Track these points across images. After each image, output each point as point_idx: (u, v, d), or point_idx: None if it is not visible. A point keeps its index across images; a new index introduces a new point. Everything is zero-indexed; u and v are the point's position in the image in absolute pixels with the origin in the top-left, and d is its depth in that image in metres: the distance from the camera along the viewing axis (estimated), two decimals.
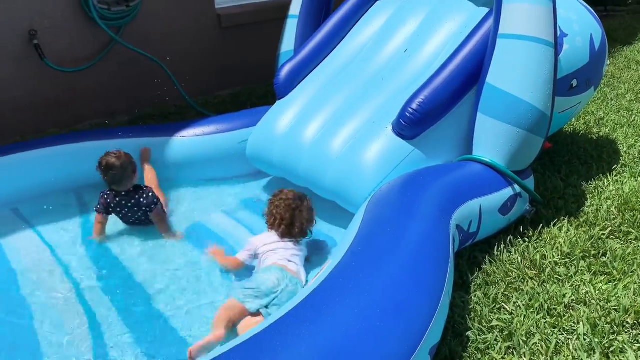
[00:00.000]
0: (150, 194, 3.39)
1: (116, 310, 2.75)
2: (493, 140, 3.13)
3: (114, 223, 3.48)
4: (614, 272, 2.83)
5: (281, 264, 2.82)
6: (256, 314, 2.57)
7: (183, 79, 5.37)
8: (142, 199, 3.36)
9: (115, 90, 5.33)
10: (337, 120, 3.43)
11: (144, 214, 3.40)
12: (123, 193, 3.37)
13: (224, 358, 1.73)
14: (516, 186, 3.13)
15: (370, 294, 2.00)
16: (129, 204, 3.37)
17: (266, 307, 2.57)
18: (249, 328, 2.36)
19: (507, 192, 3.08)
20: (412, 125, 3.13)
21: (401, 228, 2.39)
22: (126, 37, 5.19)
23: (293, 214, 3.00)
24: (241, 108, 4.98)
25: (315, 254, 3.13)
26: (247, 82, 6.11)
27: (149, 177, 3.80)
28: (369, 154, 3.14)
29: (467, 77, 3.22)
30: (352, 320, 1.88)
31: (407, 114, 3.12)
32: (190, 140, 4.00)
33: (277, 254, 2.90)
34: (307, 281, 2.84)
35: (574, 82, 3.57)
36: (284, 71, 3.92)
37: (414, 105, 3.13)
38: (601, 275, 2.83)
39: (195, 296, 2.85)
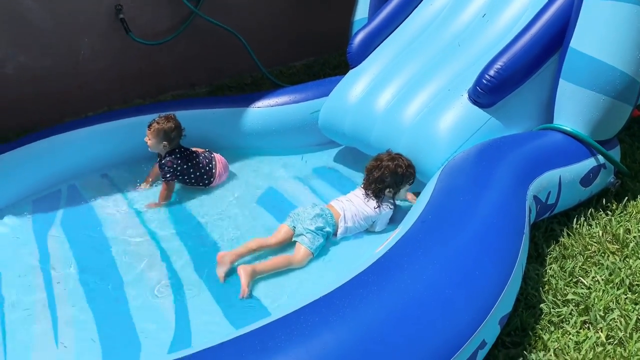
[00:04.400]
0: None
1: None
2: (576, 108, 2.98)
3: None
4: None
5: (332, 204, 3.09)
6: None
7: (259, 50, 5.46)
8: (201, 157, 3.65)
9: (195, 62, 5.51)
10: (411, 88, 3.39)
11: (205, 173, 3.63)
12: (187, 153, 3.62)
13: (297, 315, 1.80)
14: (600, 157, 2.98)
15: (439, 262, 2.00)
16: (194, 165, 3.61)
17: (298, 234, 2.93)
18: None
19: (589, 163, 2.93)
20: (489, 92, 3.03)
21: (474, 197, 2.35)
22: (205, 10, 5.32)
23: (376, 166, 3.06)
24: (315, 78, 5.01)
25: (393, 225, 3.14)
26: (321, 52, 6.12)
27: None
28: (443, 123, 3.08)
29: (549, 42, 3.07)
30: (419, 287, 1.90)
31: (484, 81, 3.03)
32: (265, 110, 4.09)
33: (341, 198, 3.16)
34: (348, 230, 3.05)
35: None
36: (357, 39, 3.90)
37: (492, 72, 3.02)
38: None
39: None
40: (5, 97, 4.79)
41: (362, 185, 3.16)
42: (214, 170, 3.69)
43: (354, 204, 3.08)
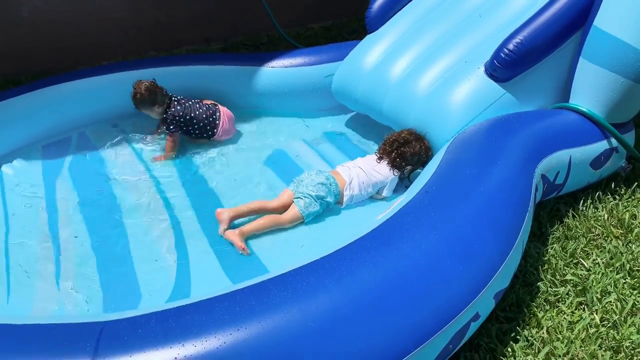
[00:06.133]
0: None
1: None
2: (594, 88, 2.92)
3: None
4: None
5: (338, 171, 3.08)
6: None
7: (277, 9, 5.36)
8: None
9: (212, 18, 5.44)
10: (427, 57, 3.33)
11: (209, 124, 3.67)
12: (188, 105, 3.64)
13: (293, 274, 1.82)
14: (613, 140, 2.93)
15: (439, 231, 2.00)
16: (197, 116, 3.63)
17: (299, 197, 2.93)
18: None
19: (601, 145, 2.89)
20: (506, 67, 2.97)
21: (481, 171, 2.33)
22: None
23: (402, 142, 3.05)
24: (332, 42, 4.93)
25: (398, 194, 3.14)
26: (340, 15, 6.01)
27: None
28: (457, 95, 3.03)
29: (572, 19, 2.99)
30: (418, 255, 1.90)
31: (502, 55, 2.96)
32: (279, 70, 4.05)
33: (348, 163, 3.16)
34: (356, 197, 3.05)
35: None
36: (377, 4, 3.81)
37: (511, 46, 2.96)
38: None
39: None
40: (20, 39, 4.78)
41: (378, 152, 3.15)
42: (217, 122, 3.70)
43: (363, 170, 3.08)
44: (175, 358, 1.51)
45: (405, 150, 3.06)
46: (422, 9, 3.69)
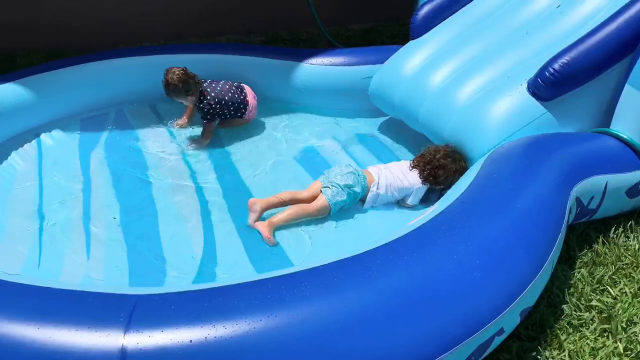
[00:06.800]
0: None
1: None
2: (637, 116, 2.88)
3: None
4: None
5: (369, 170, 3.10)
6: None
7: (318, 6, 5.40)
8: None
9: (255, 10, 5.49)
10: (469, 69, 3.32)
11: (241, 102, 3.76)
12: (218, 89, 3.68)
13: (324, 269, 1.84)
14: None
15: (472, 243, 1.99)
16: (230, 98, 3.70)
17: (326, 186, 2.95)
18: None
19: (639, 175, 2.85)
20: (550, 86, 2.95)
21: (517, 188, 2.32)
22: None
23: (434, 161, 3.03)
24: (370, 44, 4.95)
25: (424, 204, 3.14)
26: (380, 18, 6.02)
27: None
28: (497, 109, 3.02)
29: (623, 44, 2.95)
30: (449, 264, 1.90)
31: (547, 74, 2.94)
32: (318, 68, 4.08)
33: (379, 165, 3.19)
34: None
35: None
36: (423, 11, 3.82)
37: (557, 66, 2.93)
38: None
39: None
40: (66, 14, 4.87)
41: (413, 162, 3.14)
42: (247, 98, 3.78)
43: (392, 172, 3.08)
44: (206, 337, 1.54)
45: (440, 174, 3.04)
46: (468, 20, 3.68)
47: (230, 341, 1.55)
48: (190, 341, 1.53)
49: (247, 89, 3.85)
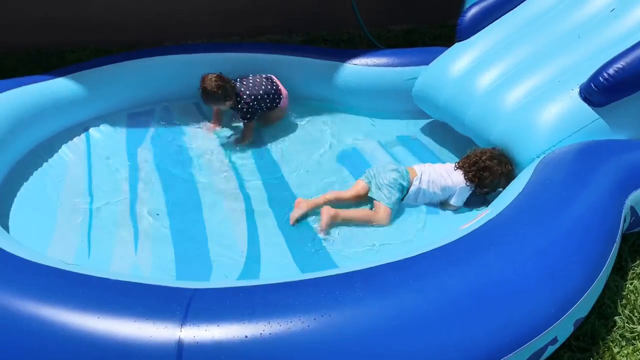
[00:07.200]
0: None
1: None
2: None
3: None
4: None
5: (414, 167, 3.09)
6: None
7: (359, 7, 5.38)
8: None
9: (296, 10, 5.51)
10: (518, 72, 3.26)
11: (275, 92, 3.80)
12: (251, 86, 3.70)
13: (376, 271, 1.83)
14: None
15: (527, 249, 1.95)
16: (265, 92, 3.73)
17: (375, 190, 2.97)
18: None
19: None
20: (603, 91, 2.87)
21: (572, 194, 2.26)
22: None
23: (480, 162, 2.99)
24: (411, 46, 4.91)
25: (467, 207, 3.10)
26: (422, 20, 5.95)
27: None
28: (547, 114, 2.95)
29: None
30: (505, 270, 1.86)
31: (601, 79, 2.86)
32: (361, 68, 4.06)
33: (423, 164, 3.18)
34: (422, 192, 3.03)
35: None
36: (470, 13, 3.76)
37: (611, 71, 2.85)
38: None
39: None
40: (114, 12, 4.97)
41: (458, 163, 3.11)
42: (279, 88, 3.82)
43: (436, 170, 3.07)
44: (261, 334, 1.55)
45: (485, 175, 2.99)
46: (517, 23, 3.61)
47: (285, 338, 1.55)
48: (246, 337, 1.54)
49: (275, 78, 3.89)
